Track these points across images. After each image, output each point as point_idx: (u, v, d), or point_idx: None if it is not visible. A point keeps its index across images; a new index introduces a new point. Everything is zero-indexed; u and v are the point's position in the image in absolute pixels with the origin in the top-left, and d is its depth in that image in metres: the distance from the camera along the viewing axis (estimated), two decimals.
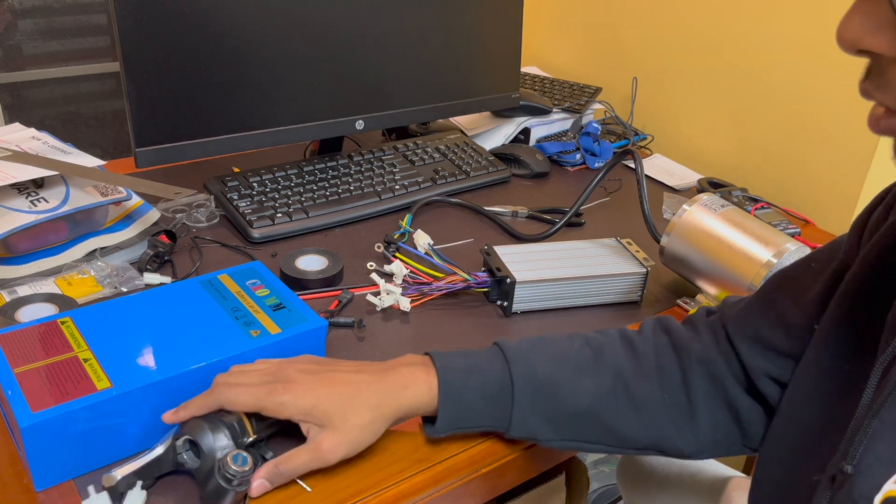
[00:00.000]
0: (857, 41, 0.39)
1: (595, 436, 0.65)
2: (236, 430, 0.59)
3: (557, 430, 0.64)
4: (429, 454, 0.65)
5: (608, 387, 0.64)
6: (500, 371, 0.63)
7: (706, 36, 1.28)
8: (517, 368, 0.63)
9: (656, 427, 0.65)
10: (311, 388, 0.59)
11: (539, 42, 1.62)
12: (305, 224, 0.98)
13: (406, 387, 0.61)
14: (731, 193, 1.15)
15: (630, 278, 0.89)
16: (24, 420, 0.55)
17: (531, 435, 0.64)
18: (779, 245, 0.82)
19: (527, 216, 1.09)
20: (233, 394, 0.59)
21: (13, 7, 1.90)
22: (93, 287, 0.81)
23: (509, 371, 0.63)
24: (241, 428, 0.59)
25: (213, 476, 0.56)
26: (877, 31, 0.38)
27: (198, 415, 0.59)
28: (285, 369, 0.61)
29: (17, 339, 0.64)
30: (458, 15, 1.15)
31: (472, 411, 0.63)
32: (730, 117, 1.28)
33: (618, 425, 0.64)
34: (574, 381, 0.64)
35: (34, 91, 2.02)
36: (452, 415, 0.63)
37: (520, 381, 0.63)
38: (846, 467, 0.44)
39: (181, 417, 0.60)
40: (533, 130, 1.31)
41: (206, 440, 0.58)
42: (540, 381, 0.63)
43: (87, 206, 0.85)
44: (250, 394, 0.59)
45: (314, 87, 1.04)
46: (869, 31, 0.39)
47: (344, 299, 0.84)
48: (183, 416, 0.60)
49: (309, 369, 0.61)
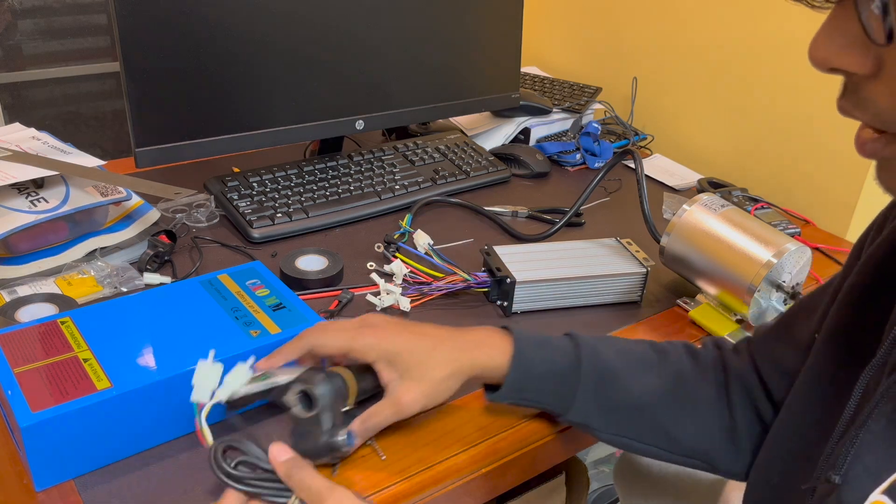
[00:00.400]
0: (828, 60, 0.39)
1: (647, 434, 0.66)
2: (344, 394, 0.61)
3: (611, 423, 0.65)
4: (429, 454, 0.65)
5: (669, 386, 0.66)
6: (571, 352, 0.65)
7: (706, 36, 1.28)
8: (586, 353, 0.65)
9: (708, 435, 0.65)
10: (396, 334, 0.62)
11: (539, 42, 1.62)
12: (305, 224, 0.98)
13: (482, 346, 0.64)
14: (731, 193, 1.15)
15: (630, 278, 0.89)
16: (24, 420, 0.55)
17: (586, 422, 0.66)
18: (779, 245, 0.82)
19: (527, 216, 1.09)
20: (324, 336, 0.62)
21: (13, 7, 1.90)
22: (93, 287, 0.81)
23: (579, 354, 0.65)
24: (346, 393, 0.61)
25: (318, 434, 0.58)
26: (846, 49, 0.38)
27: (290, 359, 0.62)
28: (371, 318, 0.65)
29: (17, 339, 0.64)
30: (458, 15, 1.15)
31: (539, 384, 0.65)
32: (730, 117, 1.28)
33: (672, 426, 0.65)
34: (637, 376, 0.66)
35: (34, 91, 2.02)
36: (520, 382, 0.64)
37: (587, 364, 0.65)
38: (833, 477, 0.44)
39: (274, 363, 0.61)
40: (533, 130, 1.31)
41: (323, 398, 0.59)
42: (606, 368, 0.65)
43: (87, 206, 0.85)
44: (339, 336, 0.62)
45: (314, 87, 1.04)
46: (838, 50, 0.38)
47: (344, 299, 0.84)
48: (276, 363, 0.61)
49: (393, 320, 0.65)
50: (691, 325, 0.88)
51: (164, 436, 0.64)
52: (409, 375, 0.61)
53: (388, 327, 0.63)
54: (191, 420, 0.64)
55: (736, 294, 0.83)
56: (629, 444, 0.67)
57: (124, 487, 0.59)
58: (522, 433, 0.70)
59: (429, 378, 0.61)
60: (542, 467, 0.73)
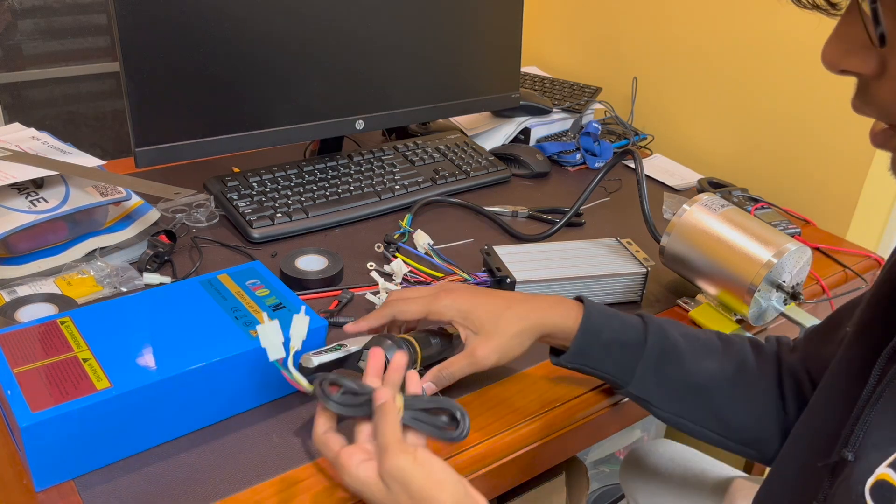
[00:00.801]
0: (837, 62, 0.43)
1: (702, 417, 0.68)
2: (413, 358, 0.66)
3: (669, 401, 0.68)
4: None
5: (729, 373, 0.68)
6: (638, 325, 0.69)
7: (706, 36, 1.28)
8: (652, 328, 0.68)
9: (761, 424, 0.68)
10: (472, 295, 0.68)
11: (539, 42, 1.62)
12: (305, 224, 0.98)
13: (554, 308, 0.68)
14: (731, 193, 1.15)
15: (630, 278, 0.89)
16: (24, 420, 0.55)
17: (645, 396, 0.68)
18: (779, 245, 0.82)
19: (527, 216, 1.09)
20: (405, 303, 0.68)
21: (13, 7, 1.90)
22: (92, 287, 0.81)
23: (645, 328, 0.68)
24: (414, 358, 0.67)
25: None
26: (853, 52, 0.42)
27: (375, 326, 0.69)
28: (447, 284, 0.71)
29: (17, 339, 0.64)
30: (458, 15, 1.15)
31: (604, 352, 0.68)
32: (730, 117, 1.28)
33: (728, 412, 0.67)
34: (700, 357, 0.68)
35: (34, 91, 2.02)
36: (585, 348, 0.67)
37: (653, 338, 0.67)
38: (847, 454, 0.47)
39: (361, 328, 0.69)
40: (533, 130, 1.30)
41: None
42: (670, 345, 0.67)
43: (87, 206, 0.85)
44: (419, 302, 0.68)
45: (314, 87, 1.04)
46: (846, 53, 0.43)
47: (344, 299, 0.84)
48: (363, 327, 0.69)
49: (468, 286, 0.72)
50: (691, 325, 0.88)
51: (164, 436, 0.64)
52: (483, 331, 0.66)
53: (463, 290, 0.69)
54: (190, 420, 0.64)
55: (736, 294, 0.83)
56: (684, 425, 0.69)
57: (124, 487, 0.59)
58: (522, 433, 0.70)
59: (501, 333, 0.66)
60: (542, 467, 0.74)
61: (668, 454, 0.98)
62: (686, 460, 0.96)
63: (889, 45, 0.40)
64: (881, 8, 0.39)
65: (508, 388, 0.74)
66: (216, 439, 0.65)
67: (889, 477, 0.44)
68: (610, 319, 0.68)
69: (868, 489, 0.44)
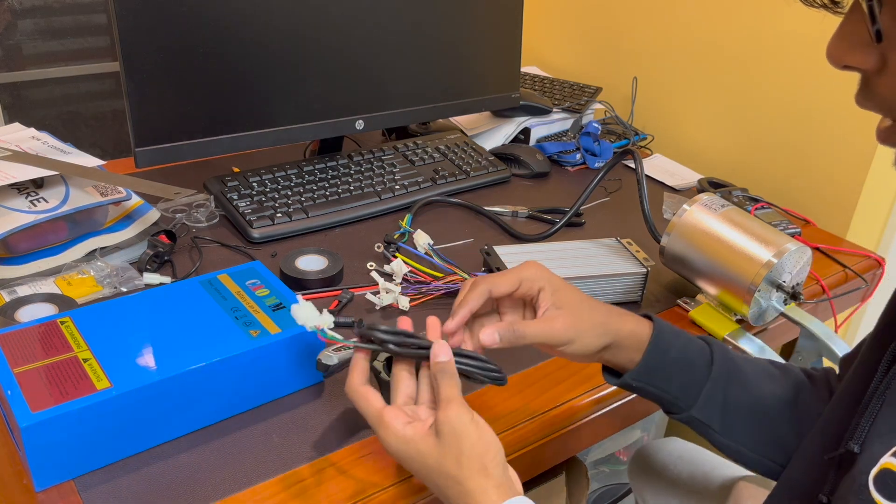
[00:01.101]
0: (840, 58, 0.45)
1: (763, 443, 0.66)
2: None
3: (732, 426, 0.65)
4: None
5: (790, 397, 0.66)
6: (704, 347, 0.66)
7: (706, 36, 1.28)
8: (718, 350, 0.66)
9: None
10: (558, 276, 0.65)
11: (539, 42, 1.62)
12: (305, 224, 0.98)
13: (629, 317, 0.65)
14: (732, 193, 1.15)
15: (630, 278, 0.89)
16: (24, 420, 0.55)
17: (707, 421, 0.65)
18: (779, 245, 0.82)
19: (527, 216, 1.09)
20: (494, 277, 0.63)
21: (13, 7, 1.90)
22: (93, 287, 0.81)
23: (710, 349, 0.66)
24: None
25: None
26: (856, 49, 0.44)
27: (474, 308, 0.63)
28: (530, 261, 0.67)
29: (17, 339, 0.64)
30: (458, 15, 1.15)
31: (670, 370, 0.65)
32: (730, 117, 1.28)
33: (789, 439, 0.65)
34: (763, 381, 0.66)
35: (34, 91, 2.02)
36: (652, 365, 0.64)
37: (720, 360, 0.65)
38: (853, 446, 0.48)
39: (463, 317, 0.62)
40: (533, 130, 1.30)
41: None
42: (736, 369, 0.66)
43: (87, 206, 0.85)
44: (507, 275, 0.64)
45: (314, 87, 1.04)
46: (848, 49, 0.45)
47: (344, 299, 0.84)
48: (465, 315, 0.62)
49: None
50: (691, 325, 0.88)
51: (164, 436, 0.64)
52: (567, 308, 0.63)
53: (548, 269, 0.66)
54: (190, 420, 0.64)
55: (736, 294, 0.83)
56: (741, 454, 0.66)
57: (124, 487, 0.59)
58: (522, 433, 0.70)
59: (584, 318, 0.63)
60: (542, 467, 0.74)
61: (678, 452, 0.98)
62: (695, 459, 0.96)
63: (888, 40, 0.42)
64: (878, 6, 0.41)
65: (508, 389, 0.74)
66: (216, 439, 0.65)
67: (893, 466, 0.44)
68: (678, 339, 0.65)
69: (872, 479, 0.45)
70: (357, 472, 0.63)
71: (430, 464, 0.53)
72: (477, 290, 0.63)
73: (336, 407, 0.69)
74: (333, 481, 0.62)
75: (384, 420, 0.54)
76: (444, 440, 0.52)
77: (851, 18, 0.44)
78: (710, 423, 0.65)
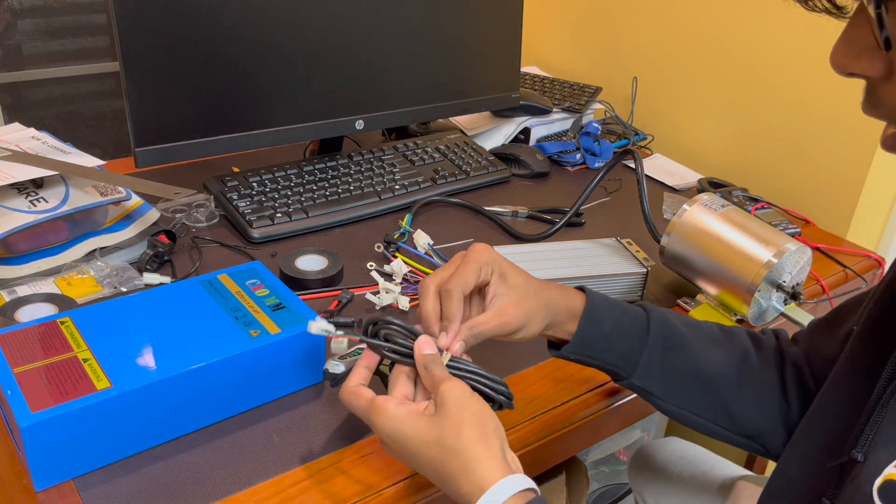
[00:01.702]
0: (845, 65, 0.45)
1: (707, 409, 0.66)
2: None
3: (673, 393, 0.66)
4: None
5: (734, 364, 0.67)
6: (640, 314, 0.66)
7: (706, 36, 1.28)
8: (655, 318, 0.66)
9: (765, 417, 0.66)
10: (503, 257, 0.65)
11: (539, 42, 1.62)
12: (305, 224, 0.98)
13: (563, 291, 0.65)
14: (732, 193, 1.15)
15: (630, 278, 0.89)
16: (24, 420, 0.55)
17: (648, 388, 0.66)
18: (779, 245, 0.82)
19: (527, 216, 1.09)
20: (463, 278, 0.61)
21: (13, 7, 1.90)
22: (92, 287, 0.81)
23: (647, 317, 0.66)
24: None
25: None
26: (860, 56, 0.43)
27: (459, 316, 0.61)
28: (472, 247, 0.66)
29: (17, 339, 0.64)
30: (458, 15, 1.15)
31: (606, 341, 0.65)
32: (730, 117, 1.28)
33: (734, 404, 0.66)
34: (704, 348, 0.67)
35: (34, 91, 2.02)
36: (587, 339, 0.64)
37: (656, 326, 0.65)
38: (857, 455, 0.47)
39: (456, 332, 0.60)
40: (533, 130, 1.30)
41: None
42: (674, 336, 0.66)
43: (87, 206, 0.85)
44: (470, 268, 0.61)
45: (314, 87, 1.04)
46: (854, 57, 0.44)
47: (344, 299, 0.84)
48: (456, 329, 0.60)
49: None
50: None
51: (164, 436, 0.64)
52: (515, 292, 0.62)
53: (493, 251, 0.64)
54: (190, 420, 0.64)
55: (736, 294, 0.83)
56: (687, 418, 0.67)
57: (124, 487, 0.59)
58: (522, 433, 0.70)
59: (531, 301, 0.62)
60: (542, 467, 0.74)
61: (678, 452, 0.98)
62: (694, 458, 0.96)
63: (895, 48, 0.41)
64: (886, 12, 0.40)
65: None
66: (216, 439, 0.65)
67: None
68: (612, 310, 0.66)
69: (876, 489, 0.44)
70: (357, 473, 0.63)
71: (428, 440, 0.52)
72: (454, 298, 0.61)
73: (336, 407, 0.69)
74: (333, 481, 0.62)
75: (376, 404, 0.54)
76: (443, 411, 0.52)
77: (856, 24, 0.43)
78: (650, 390, 0.66)
